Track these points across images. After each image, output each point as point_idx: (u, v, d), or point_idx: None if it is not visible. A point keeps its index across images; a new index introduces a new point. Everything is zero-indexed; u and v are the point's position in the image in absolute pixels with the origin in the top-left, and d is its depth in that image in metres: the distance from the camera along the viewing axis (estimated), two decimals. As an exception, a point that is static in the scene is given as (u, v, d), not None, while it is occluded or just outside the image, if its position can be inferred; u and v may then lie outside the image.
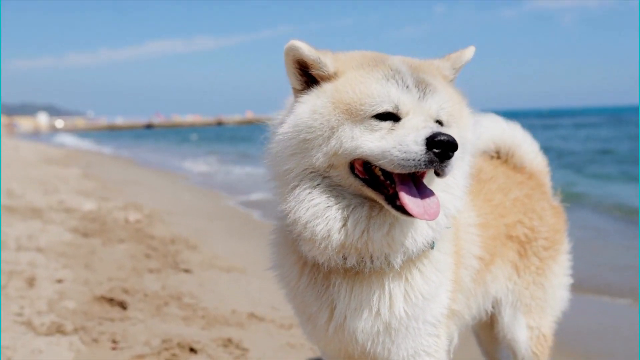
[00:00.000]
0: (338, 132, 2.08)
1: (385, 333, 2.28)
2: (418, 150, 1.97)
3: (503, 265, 2.92)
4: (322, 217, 2.11)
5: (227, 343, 4.54)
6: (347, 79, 2.14)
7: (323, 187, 2.13)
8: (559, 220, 3.15)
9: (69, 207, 10.05)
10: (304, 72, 2.20)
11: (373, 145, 2.04)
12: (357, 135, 2.07)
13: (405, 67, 2.18)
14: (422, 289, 2.29)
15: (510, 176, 3.06)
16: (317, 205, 2.12)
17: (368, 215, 2.13)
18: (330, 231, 2.11)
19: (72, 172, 17.89)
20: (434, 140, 1.95)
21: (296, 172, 2.15)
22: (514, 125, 3.31)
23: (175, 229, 9.13)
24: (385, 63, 2.18)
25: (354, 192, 2.15)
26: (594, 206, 12.14)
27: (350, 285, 2.25)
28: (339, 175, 2.14)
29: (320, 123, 2.10)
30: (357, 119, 2.08)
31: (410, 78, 2.14)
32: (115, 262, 6.68)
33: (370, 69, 2.15)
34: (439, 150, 1.96)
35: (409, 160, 1.97)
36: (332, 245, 2.12)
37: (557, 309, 3.17)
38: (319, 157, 2.11)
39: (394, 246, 2.15)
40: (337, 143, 2.08)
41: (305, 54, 2.15)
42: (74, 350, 4.21)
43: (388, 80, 2.11)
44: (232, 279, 6.50)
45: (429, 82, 2.16)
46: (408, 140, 1.99)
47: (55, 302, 5.12)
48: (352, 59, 2.22)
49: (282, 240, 2.40)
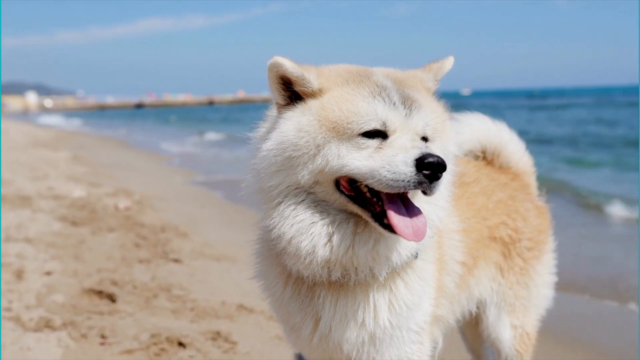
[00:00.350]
0: (324, 150, 2.07)
1: (370, 343, 2.30)
2: (407, 171, 1.97)
3: (487, 267, 2.95)
4: (307, 233, 2.11)
5: (215, 336, 4.57)
6: (332, 96, 2.12)
7: (308, 203, 2.13)
8: (543, 221, 3.17)
9: (58, 194, 10.01)
10: (287, 88, 2.18)
11: (361, 164, 2.04)
12: (344, 153, 2.06)
13: (390, 83, 2.17)
14: (406, 298, 2.31)
15: (494, 178, 3.07)
16: (301, 221, 2.12)
17: (353, 231, 2.14)
18: (315, 247, 2.11)
19: (62, 155, 17.79)
20: (423, 162, 1.96)
21: (281, 188, 2.14)
22: (500, 125, 3.31)
23: (166, 216, 9.12)
24: (371, 79, 2.17)
25: (338, 208, 2.15)
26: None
27: (334, 297, 2.26)
28: (324, 192, 2.13)
29: (306, 141, 2.09)
30: (343, 137, 2.07)
31: (396, 94, 2.13)
32: (105, 252, 6.67)
33: (356, 86, 2.13)
34: (429, 172, 1.97)
35: (398, 181, 1.98)
36: (317, 260, 2.13)
37: (541, 308, 3.21)
38: (305, 175, 2.10)
39: (378, 260, 2.16)
40: (323, 161, 2.08)
41: (289, 71, 2.14)
42: (63, 347, 4.23)
43: (375, 97, 2.10)
44: (222, 269, 6.51)
45: (415, 98, 2.16)
46: (397, 161, 1.99)
47: (44, 295, 5.12)
48: (336, 74, 2.20)
49: (266, 252, 2.40)
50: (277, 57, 2.12)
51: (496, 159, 3.23)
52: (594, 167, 16.52)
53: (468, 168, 2.99)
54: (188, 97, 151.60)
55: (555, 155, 18.42)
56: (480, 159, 3.25)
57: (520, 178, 3.21)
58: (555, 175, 14.21)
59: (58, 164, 15.27)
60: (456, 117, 3.27)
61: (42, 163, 14.83)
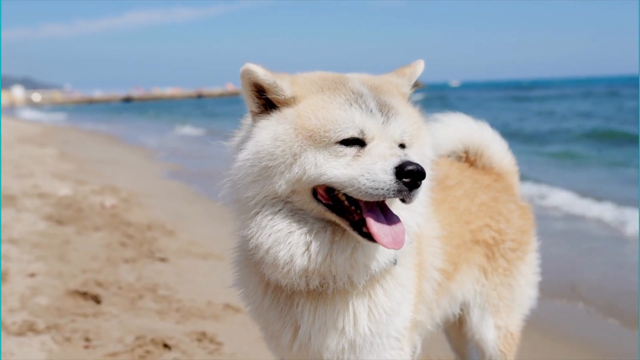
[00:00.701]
0: (301, 158, 2.05)
1: (350, 350, 2.29)
2: (387, 179, 1.96)
3: (469, 270, 2.94)
4: (285, 243, 2.09)
5: (201, 337, 4.55)
6: (308, 104, 2.10)
7: (285, 212, 2.11)
8: (526, 221, 3.16)
9: (43, 192, 9.92)
10: (260, 95, 2.16)
11: (339, 172, 2.02)
12: (321, 162, 2.04)
13: (366, 90, 2.15)
14: (385, 305, 2.29)
15: (477, 180, 3.06)
16: (279, 231, 2.10)
17: (331, 239, 2.12)
18: (293, 256, 2.10)
19: (48, 152, 17.63)
20: (403, 170, 1.95)
21: (258, 198, 2.12)
22: (482, 125, 3.30)
23: (153, 213, 9.07)
24: (346, 86, 2.15)
25: (316, 217, 2.13)
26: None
27: (314, 306, 2.25)
28: (302, 201, 2.11)
29: (282, 150, 2.07)
30: (320, 145, 2.05)
31: (373, 101, 2.11)
32: (90, 252, 6.62)
33: (332, 93, 2.11)
34: (409, 180, 1.96)
35: (377, 189, 1.96)
36: (295, 270, 2.12)
37: (525, 307, 3.21)
38: (282, 184, 2.08)
39: (357, 268, 2.15)
40: (300, 170, 2.05)
41: (261, 78, 2.11)
42: (46, 351, 4.19)
43: (351, 105, 2.08)
44: (209, 267, 6.48)
45: (391, 104, 2.14)
46: (376, 169, 1.97)
47: (27, 298, 5.07)
48: (311, 82, 2.18)
49: (245, 260, 2.38)
50: (249, 64, 2.10)
51: (479, 159, 3.22)
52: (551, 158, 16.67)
53: (451, 171, 2.98)
54: (176, 90, 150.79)
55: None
56: (463, 160, 3.23)
57: (503, 179, 3.20)
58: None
59: (44, 160, 15.14)
60: (438, 118, 3.26)
61: (28, 160, 14.69)
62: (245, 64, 2.10)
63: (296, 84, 2.16)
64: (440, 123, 3.23)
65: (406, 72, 2.39)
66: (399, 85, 2.33)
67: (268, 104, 2.16)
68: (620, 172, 13.97)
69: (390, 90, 2.24)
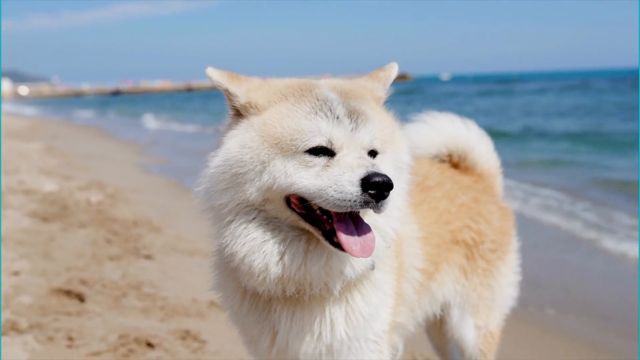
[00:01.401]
0: (270, 166, 2.05)
1: (328, 354, 2.30)
2: (354, 191, 1.96)
3: (450, 270, 2.95)
4: (259, 252, 2.10)
5: (185, 335, 4.54)
6: (273, 112, 2.10)
7: (259, 220, 2.11)
8: (507, 222, 3.18)
9: (29, 188, 9.85)
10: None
11: (309, 182, 2.02)
12: (291, 171, 2.03)
13: (335, 95, 2.14)
14: (362, 310, 2.30)
15: (458, 181, 3.06)
16: (253, 239, 2.10)
17: (305, 248, 2.12)
18: (268, 265, 2.10)
19: (34, 146, 17.49)
20: (369, 182, 1.94)
21: (231, 206, 2.12)
22: (470, 125, 3.30)
23: (139, 209, 9.03)
24: (312, 92, 2.13)
25: (290, 225, 2.13)
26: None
27: (291, 312, 2.25)
28: (275, 209, 2.11)
29: (250, 157, 2.07)
30: (288, 154, 2.05)
31: (341, 107, 2.10)
32: (75, 249, 6.59)
33: (296, 101, 2.10)
34: (374, 192, 1.95)
35: (344, 200, 1.96)
36: (270, 277, 2.12)
37: (505, 307, 3.23)
38: (253, 192, 2.08)
39: (332, 275, 2.16)
40: (270, 178, 2.05)
41: (215, 82, 2.13)
42: (29, 350, 4.17)
43: (317, 113, 2.07)
44: (194, 264, 6.47)
45: (361, 110, 2.13)
46: (343, 181, 1.97)
47: (10, 297, 5.03)
48: (275, 90, 2.17)
49: (222, 265, 2.38)
50: (209, 67, 2.12)
51: (462, 161, 3.22)
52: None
53: (431, 171, 2.99)
54: (166, 83, 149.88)
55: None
56: (446, 161, 3.23)
57: (484, 180, 3.21)
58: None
59: (30, 155, 15.02)
60: (423, 119, 3.25)
61: (14, 155, 14.56)
62: (207, 67, 2.12)
63: (257, 91, 2.15)
64: (425, 124, 3.23)
65: (380, 76, 2.38)
66: (373, 89, 2.33)
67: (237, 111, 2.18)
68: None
69: (362, 94, 2.23)
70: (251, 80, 2.19)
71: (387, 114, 2.30)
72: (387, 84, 2.38)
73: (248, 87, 2.15)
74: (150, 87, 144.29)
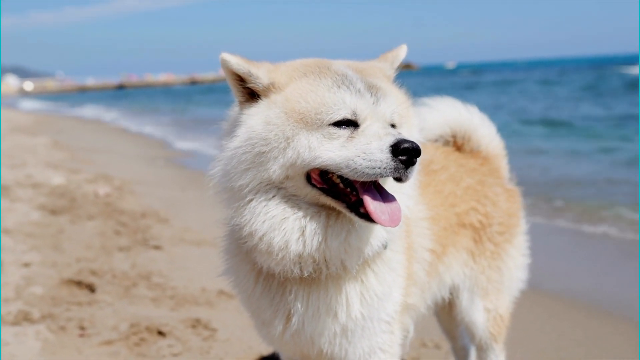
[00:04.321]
0: (294, 142, 2.05)
1: (342, 335, 2.32)
2: (384, 158, 1.97)
3: (457, 254, 2.96)
4: (279, 229, 2.10)
5: (195, 324, 4.58)
6: (295, 89, 2.10)
7: (279, 198, 2.11)
8: (514, 204, 3.18)
9: (37, 182, 9.90)
10: (244, 84, 2.17)
11: (334, 154, 2.03)
12: (315, 144, 2.04)
13: (351, 72, 2.15)
14: (376, 289, 2.31)
15: (463, 164, 3.07)
16: (273, 217, 2.10)
17: (325, 224, 2.12)
18: (288, 242, 2.10)
19: (41, 141, 17.58)
20: (399, 148, 1.96)
21: (252, 186, 2.11)
22: (471, 109, 3.31)
23: (147, 201, 9.07)
24: (331, 69, 2.15)
25: (309, 202, 2.13)
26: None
27: (307, 292, 2.26)
28: (295, 186, 2.11)
29: (275, 134, 2.06)
30: (312, 128, 2.05)
31: (360, 82, 2.12)
32: (84, 240, 6.64)
33: (317, 77, 2.12)
34: (405, 157, 1.97)
35: (374, 168, 1.97)
36: (290, 255, 2.12)
37: (514, 289, 3.24)
38: (276, 170, 2.08)
39: (350, 252, 2.16)
40: (294, 153, 2.05)
41: (235, 68, 2.12)
42: (41, 340, 4.21)
43: (339, 87, 2.08)
44: (202, 254, 6.50)
45: (379, 85, 2.15)
46: (373, 148, 1.98)
47: (22, 288, 5.09)
48: (293, 68, 2.18)
49: (235, 249, 2.39)
50: (224, 53, 2.11)
51: (467, 143, 3.23)
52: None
53: (436, 155, 2.99)
54: (170, 76, 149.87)
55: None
56: (450, 144, 3.24)
57: (490, 162, 3.21)
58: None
59: (37, 150, 15.10)
60: (426, 102, 3.26)
61: (21, 150, 14.65)
62: (221, 53, 2.11)
63: (275, 71, 2.16)
64: (428, 107, 3.24)
65: (388, 57, 2.41)
66: (383, 69, 2.35)
67: (254, 93, 2.17)
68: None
69: (374, 72, 2.25)
70: (262, 63, 2.19)
71: (400, 91, 2.32)
72: (395, 64, 2.41)
73: (267, 68, 2.15)
74: (154, 80, 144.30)
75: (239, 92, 2.18)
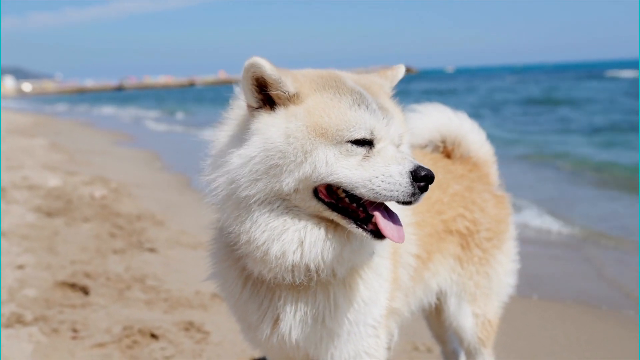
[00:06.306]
0: (312, 156, 2.06)
1: (329, 339, 2.35)
2: (403, 182, 2.04)
3: (444, 260, 2.99)
4: (278, 240, 2.11)
5: (188, 327, 4.60)
6: (316, 103, 2.10)
7: (281, 209, 2.12)
8: (502, 210, 3.20)
9: (33, 184, 9.91)
10: (260, 90, 2.12)
11: (350, 172, 2.06)
12: (332, 160, 2.06)
13: (364, 91, 2.19)
14: (363, 295, 2.35)
15: (450, 170, 3.10)
16: (274, 228, 2.11)
17: (324, 237, 2.15)
18: (286, 253, 2.12)
19: (38, 143, 17.58)
20: (418, 175, 2.04)
21: (259, 196, 2.10)
22: (460, 115, 3.33)
23: (143, 204, 9.08)
24: (347, 85, 2.18)
25: (310, 213, 2.15)
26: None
27: (295, 297, 2.29)
28: (300, 198, 2.12)
29: (294, 148, 2.06)
30: (331, 143, 2.07)
31: (374, 103, 2.16)
32: (79, 243, 6.65)
33: (336, 92, 2.14)
34: (423, 184, 2.04)
35: (392, 191, 2.03)
36: (286, 264, 2.14)
37: (503, 295, 3.26)
38: (289, 183, 2.08)
39: (342, 262, 2.20)
40: (310, 168, 2.06)
41: (267, 73, 2.08)
42: (34, 342, 4.23)
43: (359, 105, 2.12)
44: (198, 257, 6.50)
45: (387, 107, 2.21)
46: (392, 172, 2.05)
47: (15, 290, 5.10)
48: (310, 80, 2.18)
49: (223, 253, 2.40)
50: (257, 57, 2.07)
51: (456, 149, 3.25)
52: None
53: (424, 162, 3.00)
54: (169, 78, 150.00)
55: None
56: (440, 149, 3.27)
57: (479, 168, 3.24)
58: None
59: (34, 151, 15.10)
60: (417, 108, 3.29)
61: (18, 151, 14.65)
62: (252, 57, 2.06)
63: (297, 80, 2.15)
64: (419, 113, 3.27)
65: (388, 75, 2.47)
66: (384, 86, 2.39)
67: (266, 100, 2.13)
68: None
69: (378, 91, 2.30)
70: (286, 71, 2.16)
71: (400, 110, 2.36)
72: (394, 83, 2.46)
73: (292, 77, 2.14)
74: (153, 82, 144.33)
75: (254, 98, 2.13)
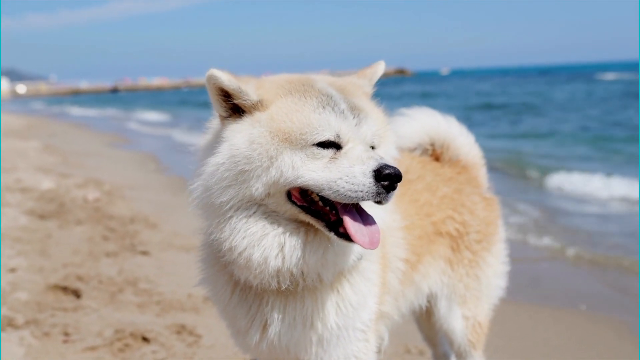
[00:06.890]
0: (277, 161, 2.07)
1: (318, 344, 2.35)
2: (367, 182, 2.01)
3: (434, 262, 3.00)
4: (259, 245, 2.12)
5: (180, 330, 4.60)
6: (280, 107, 2.11)
7: (259, 215, 2.13)
8: (492, 212, 3.21)
9: (26, 186, 9.88)
10: (227, 99, 2.16)
11: (316, 175, 2.05)
12: (298, 164, 2.06)
13: (334, 91, 2.18)
14: (352, 299, 2.35)
15: (439, 173, 3.10)
16: (253, 234, 2.12)
17: (304, 240, 2.16)
18: (267, 258, 2.13)
19: (32, 145, 17.53)
20: (381, 173, 2.00)
21: (232, 202, 2.12)
22: (449, 119, 3.35)
23: (136, 206, 9.06)
24: (315, 88, 2.17)
25: (289, 218, 2.16)
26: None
27: (283, 303, 2.30)
28: (275, 203, 2.13)
29: (259, 153, 2.07)
30: (297, 147, 2.07)
31: (344, 103, 2.15)
32: (72, 246, 6.64)
33: (302, 96, 2.14)
34: (387, 183, 2.01)
35: (356, 192, 2.01)
36: (268, 270, 2.15)
37: (493, 297, 3.27)
38: (258, 188, 2.09)
39: (327, 266, 2.20)
40: (277, 172, 2.07)
41: (225, 84, 2.12)
42: (25, 346, 4.22)
43: (324, 107, 2.11)
44: (191, 259, 6.43)
45: (361, 107, 2.19)
46: (356, 172, 2.02)
47: (7, 293, 5.08)
48: (278, 86, 2.19)
49: (212, 259, 2.41)
50: (213, 69, 2.11)
51: (445, 152, 3.27)
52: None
53: (412, 165, 3.03)
54: (164, 80, 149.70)
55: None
56: (429, 153, 3.28)
57: (467, 171, 3.25)
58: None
59: (28, 154, 15.06)
60: (405, 112, 3.30)
61: (11, 154, 14.60)
62: (210, 69, 2.11)
63: (262, 87, 2.17)
64: (407, 117, 3.28)
65: (367, 74, 2.45)
66: (362, 86, 2.38)
67: (236, 109, 2.17)
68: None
69: (355, 91, 2.28)
70: (249, 79, 2.20)
71: (379, 110, 2.35)
72: (373, 81, 2.44)
73: (255, 85, 2.16)
74: (148, 84, 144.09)
75: (222, 108, 2.18)
